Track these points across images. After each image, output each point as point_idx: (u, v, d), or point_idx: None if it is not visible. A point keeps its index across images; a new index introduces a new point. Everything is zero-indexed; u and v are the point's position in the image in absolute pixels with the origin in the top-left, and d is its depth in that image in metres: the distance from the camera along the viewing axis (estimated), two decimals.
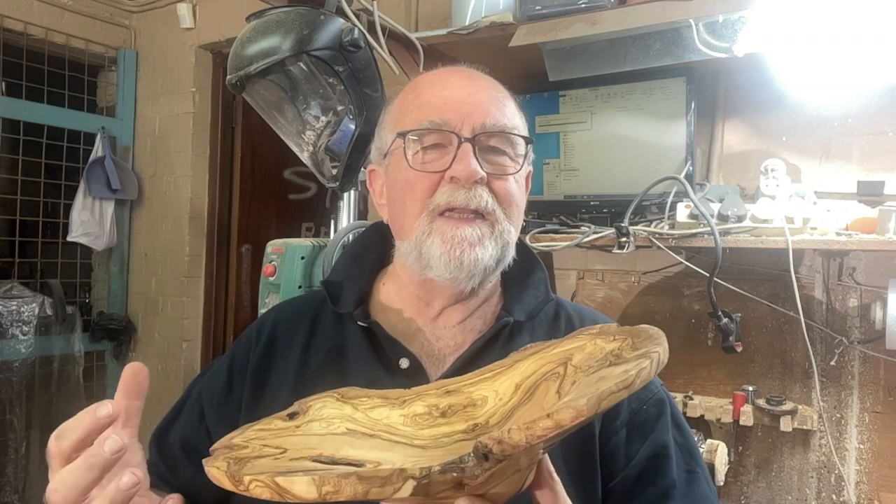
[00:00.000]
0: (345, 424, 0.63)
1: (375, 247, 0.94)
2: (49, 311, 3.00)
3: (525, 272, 0.90)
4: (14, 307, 2.90)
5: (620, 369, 0.52)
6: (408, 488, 0.44)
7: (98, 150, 3.16)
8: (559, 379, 0.62)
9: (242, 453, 0.56)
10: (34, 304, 2.95)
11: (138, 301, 3.38)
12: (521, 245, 0.89)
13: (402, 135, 0.81)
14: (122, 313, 3.36)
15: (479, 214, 0.79)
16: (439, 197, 0.79)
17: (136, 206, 3.38)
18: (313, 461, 0.57)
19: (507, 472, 0.50)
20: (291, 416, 0.63)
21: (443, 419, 0.65)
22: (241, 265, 3.34)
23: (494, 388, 0.67)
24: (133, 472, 0.56)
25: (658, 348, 0.53)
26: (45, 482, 0.58)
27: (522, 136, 0.84)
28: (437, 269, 0.79)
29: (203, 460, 0.53)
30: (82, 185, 3.11)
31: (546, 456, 0.55)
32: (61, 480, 0.55)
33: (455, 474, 0.45)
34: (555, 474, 0.56)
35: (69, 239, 3.11)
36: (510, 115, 0.84)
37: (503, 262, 0.82)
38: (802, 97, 1.76)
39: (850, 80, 1.68)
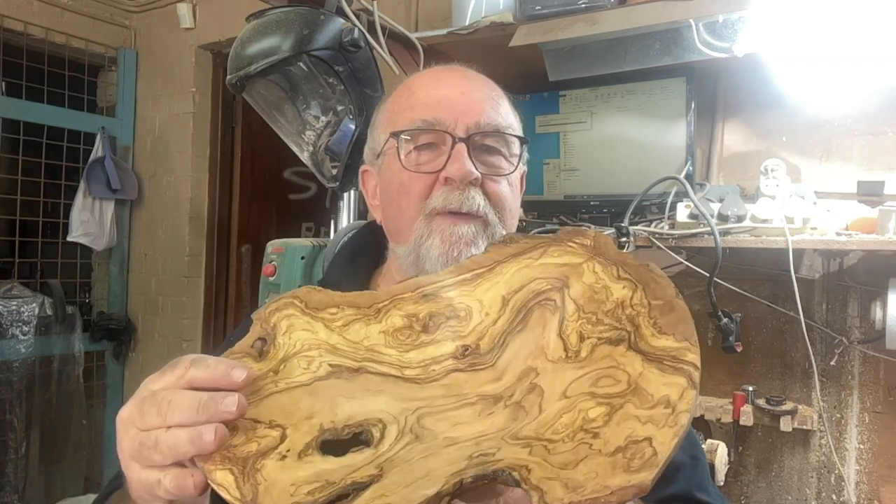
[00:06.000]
0: (326, 359, 0.58)
1: (370, 246, 0.93)
2: (49, 311, 2.99)
3: None
4: (14, 307, 2.89)
5: (659, 411, 0.49)
6: None
7: (98, 150, 3.16)
8: (557, 312, 0.58)
9: (240, 450, 0.50)
10: (34, 304, 2.95)
11: (138, 301, 3.37)
12: None
13: (396, 135, 0.81)
14: (122, 313, 3.36)
15: (471, 215, 0.79)
16: (434, 200, 0.79)
17: (136, 206, 3.37)
18: (321, 442, 0.52)
19: None
20: (261, 352, 0.58)
21: (427, 336, 0.60)
22: (241, 265, 3.33)
23: (478, 298, 0.62)
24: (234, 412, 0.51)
25: (689, 343, 0.51)
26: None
27: (517, 136, 0.84)
28: (432, 269, 0.78)
29: (200, 465, 0.49)
30: (82, 185, 3.11)
31: None
32: (176, 399, 0.50)
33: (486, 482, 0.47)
34: None
35: (69, 239, 3.10)
36: (504, 113, 0.84)
37: None
38: (802, 97, 1.75)
39: (850, 80, 1.68)
